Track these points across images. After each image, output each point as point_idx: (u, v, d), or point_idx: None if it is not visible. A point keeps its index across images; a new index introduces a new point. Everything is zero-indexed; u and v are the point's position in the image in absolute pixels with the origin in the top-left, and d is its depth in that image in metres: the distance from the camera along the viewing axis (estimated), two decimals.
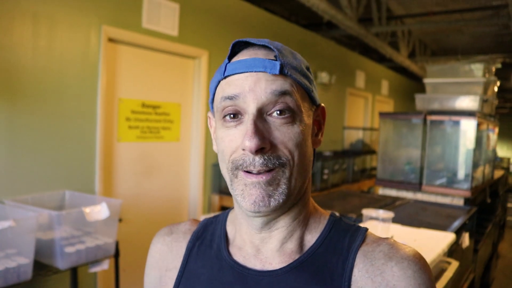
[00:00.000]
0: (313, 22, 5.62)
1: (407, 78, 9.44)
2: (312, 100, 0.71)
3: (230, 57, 0.69)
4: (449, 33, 6.58)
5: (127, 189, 3.19)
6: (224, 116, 0.66)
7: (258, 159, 0.62)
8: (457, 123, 3.56)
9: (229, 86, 0.66)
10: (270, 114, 0.64)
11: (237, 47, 0.69)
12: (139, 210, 3.27)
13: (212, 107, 0.73)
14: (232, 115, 0.65)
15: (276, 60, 0.65)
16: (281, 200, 0.64)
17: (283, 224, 0.69)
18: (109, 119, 3.02)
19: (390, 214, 2.00)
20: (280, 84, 0.64)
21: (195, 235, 0.80)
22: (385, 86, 7.96)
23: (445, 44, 7.46)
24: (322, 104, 0.75)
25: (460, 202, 3.40)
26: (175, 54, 3.49)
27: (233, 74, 0.66)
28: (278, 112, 0.63)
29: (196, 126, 3.69)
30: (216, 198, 3.80)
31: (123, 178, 3.16)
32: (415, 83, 9.66)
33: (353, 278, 0.65)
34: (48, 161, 2.60)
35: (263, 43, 0.68)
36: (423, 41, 7.32)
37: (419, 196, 3.60)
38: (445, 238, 2.09)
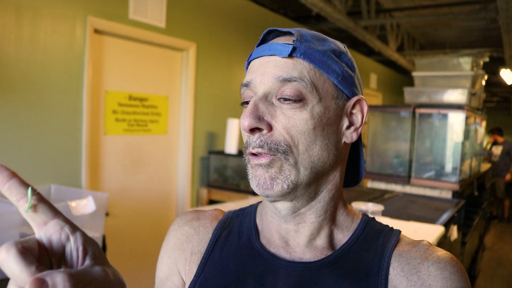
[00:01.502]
0: (302, 15, 5.59)
1: (395, 72, 9.47)
2: (342, 90, 0.67)
3: (259, 45, 0.70)
4: (437, 27, 6.59)
5: (114, 183, 3.15)
6: (243, 103, 0.68)
7: (255, 140, 0.62)
8: (445, 116, 3.57)
9: (248, 73, 0.68)
10: (279, 99, 0.63)
11: (271, 36, 0.70)
12: (126, 204, 3.24)
13: None
14: (248, 101, 0.66)
15: (293, 44, 0.64)
16: (285, 186, 0.62)
17: (306, 220, 0.69)
18: (95, 112, 2.98)
19: (379, 207, 2.00)
20: (288, 69, 0.63)
21: (221, 224, 0.79)
22: (373, 79, 7.98)
23: (433, 38, 7.49)
24: (361, 96, 0.70)
25: (448, 195, 3.42)
26: (163, 46, 3.44)
27: (253, 60, 0.69)
28: (283, 98, 0.62)
29: (184, 119, 3.66)
30: (204, 192, 3.77)
31: (110, 172, 3.12)
32: (404, 77, 9.70)
33: (389, 277, 0.64)
34: (33, 155, 2.56)
35: (289, 30, 0.67)
36: (412, 34, 7.33)
37: (408, 189, 3.62)
38: (434, 231, 2.10)
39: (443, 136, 3.62)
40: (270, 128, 0.62)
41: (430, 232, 2.09)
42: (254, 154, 0.63)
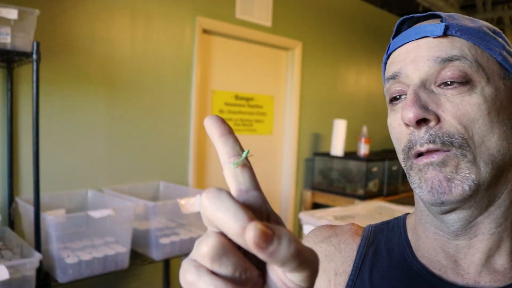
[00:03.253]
0: (406, 11, 5.25)
1: None
2: (507, 69, 0.55)
3: (394, 36, 0.60)
4: None
5: (219, 182, 3.13)
6: (390, 100, 0.57)
7: (423, 134, 0.51)
8: None
9: (391, 65, 0.57)
10: (439, 85, 0.52)
11: (405, 26, 0.60)
12: None
13: None
14: (398, 96, 0.55)
15: (442, 22, 0.53)
16: (466, 187, 0.49)
17: (484, 230, 0.54)
18: (202, 111, 2.97)
19: None
20: (446, 49, 0.52)
21: (365, 240, 0.66)
22: None
23: None
24: None
25: None
26: (269, 45, 3.37)
27: (395, 50, 0.58)
28: (448, 82, 0.51)
29: (289, 119, 3.55)
30: (308, 194, 3.63)
31: (215, 171, 3.10)
32: None
33: None
34: (143, 152, 2.60)
35: (430, 13, 0.57)
36: None
37: None
38: None
39: None
40: (438, 119, 0.51)
41: None
42: (420, 154, 0.52)
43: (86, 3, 2.31)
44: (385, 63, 0.61)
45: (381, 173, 3.52)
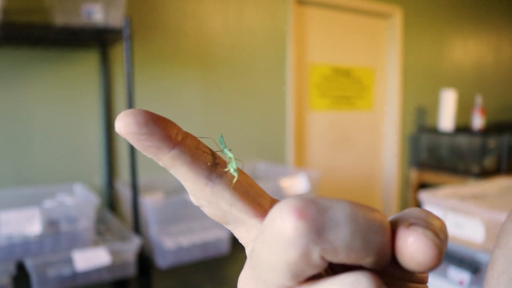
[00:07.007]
0: None
1: None
2: None
3: None
4: None
5: (318, 161, 2.85)
6: None
7: None
8: None
9: None
10: None
11: None
12: (329, 184, 2.91)
13: None
14: None
15: None
16: None
17: None
18: (299, 87, 2.70)
19: None
20: None
21: None
22: None
23: None
24: None
25: None
26: (366, 13, 2.99)
27: None
28: None
29: (390, 94, 3.15)
30: (414, 173, 3.22)
31: (314, 149, 2.83)
32: None
33: None
34: (239, 130, 2.39)
35: None
36: None
37: None
38: None
39: None
40: None
41: None
42: None
43: None
44: None
45: (499, 149, 3.03)
